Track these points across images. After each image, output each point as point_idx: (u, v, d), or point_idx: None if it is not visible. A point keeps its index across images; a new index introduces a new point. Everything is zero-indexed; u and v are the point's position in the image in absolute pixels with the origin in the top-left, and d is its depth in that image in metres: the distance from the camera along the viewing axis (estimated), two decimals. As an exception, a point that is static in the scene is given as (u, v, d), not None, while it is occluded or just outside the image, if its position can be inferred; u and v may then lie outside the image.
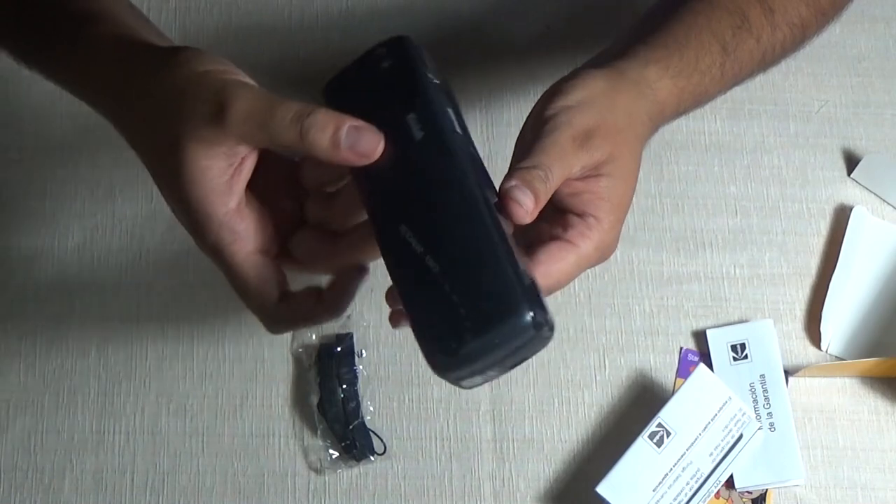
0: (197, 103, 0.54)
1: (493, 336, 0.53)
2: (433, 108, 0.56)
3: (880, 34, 0.97)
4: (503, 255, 0.53)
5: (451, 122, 0.57)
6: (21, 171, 0.90)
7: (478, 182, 0.55)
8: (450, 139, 0.56)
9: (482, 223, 0.54)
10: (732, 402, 0.79)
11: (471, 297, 0.53)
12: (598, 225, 0.61)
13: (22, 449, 0.82)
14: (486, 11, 0.96)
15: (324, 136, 0.53)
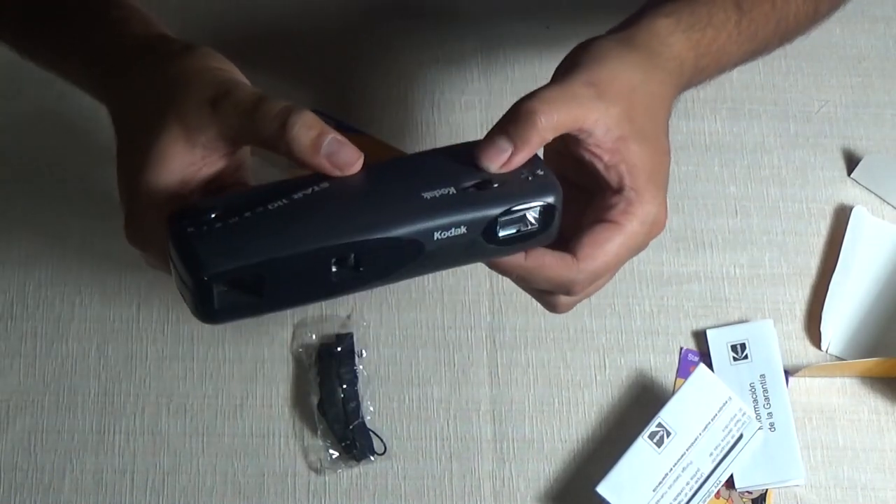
0: (198, 90, 0.55)
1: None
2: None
3: (880, 34, 0.97)
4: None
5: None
6: (21, 172, 0.90)
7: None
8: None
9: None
10: (732, 402, 0.79)
11: None
12: (639, 198, 0.59)
13: (22, 449, 0.82)
14: (486, 11, 0.96)
15: (307, 134, 0.54)
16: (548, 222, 0.57)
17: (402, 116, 0.93)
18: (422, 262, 0.54)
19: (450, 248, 0.54)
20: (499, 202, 0.55)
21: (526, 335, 0.86)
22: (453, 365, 0.85)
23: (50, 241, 0.88)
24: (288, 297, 0.54)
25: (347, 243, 0.53)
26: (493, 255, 0.57)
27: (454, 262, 0.57)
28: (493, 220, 0.55)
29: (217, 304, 0.52)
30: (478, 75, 0.94)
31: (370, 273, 0.54)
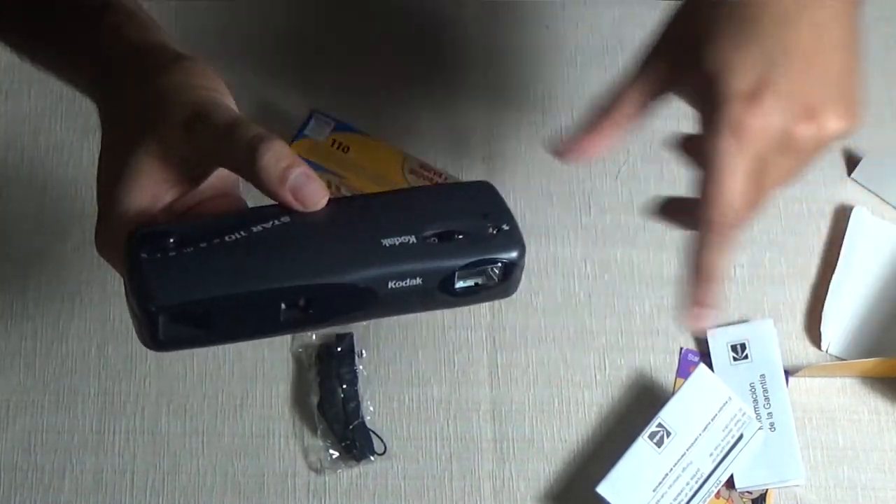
0: (177, 109, 0.55)
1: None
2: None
3: (880, 34, 0.97)
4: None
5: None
6: (21, 171, 0.90)
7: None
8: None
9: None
10: (732, 403, 0.79)
11: None
12: (714, 86, 0.56)
13: (22, 449, 0.82)
14: (486, 11, 0.96)
15: (277, 164, 0.53)
16: (506, 277, 0.56)
17: (402, 116, 0.93)
18: (373, 309, 0.54)
19: (403, 297, 0.54)
20: (458, 256, 0.54)
21: (526, 335, 0.86)
22: (453, 365, 0.85)
23: (50, 241, 0.88)
24: (234, 332, 0.54)
25: (298, 286, 0.52)
26: (447, 305, 0.56)
27: (407, 310, 0.56)
28: (451, 274, 0.54)
29: (162, 335, 0.52)
30: (478, 75, 0.94)
31: (319, 315, 0.53)
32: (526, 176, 0.91)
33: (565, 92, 0.94)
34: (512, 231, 0.56)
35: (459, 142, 0.92)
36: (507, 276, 0.56)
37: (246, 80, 0.93)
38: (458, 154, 0.91)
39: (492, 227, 0.56)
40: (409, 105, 0.94)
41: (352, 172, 0.85)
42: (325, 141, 0.86)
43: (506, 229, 0.56)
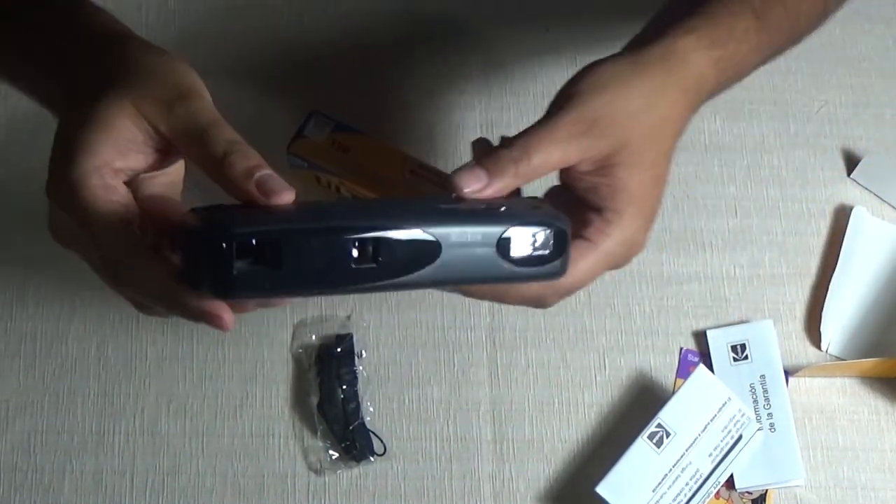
0: (160, 87, 0.57)
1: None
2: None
3: (880, 34, 0.97)
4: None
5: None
6: (21, 171, 0.90)
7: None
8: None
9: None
10: (732, 403, 0.79)
11: None
12: (618, 219, 0.59)
13: (22, 449, 0.82)
14: (486, 11, 0.96)
15: (243, 163, 0.54)
16: (560, 249, 0.56)
17: (402, 116, 0.93)
18: (438, 267, 0.54)
19: (465, 256, 0.55)
20: (512, 218, 0.55)
21: (526, 335, 0.86)
22: (453, 365, 0.85)
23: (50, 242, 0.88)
24: (306, 277, 0.53)
25: (369, 226, 0.53)
26: (506, 276, 0.56)
27: (468, 275, 0.56)
28: (507, 233, 0.55)
29: (235, 271, 0.52)
30: (478, 75, 0.94)
31: (387, 268, 0.54)
32: (526, 176, 0.91)
33: (565, 92, 0.94)
34: (555, 211, 0.57)
35: (459, 142, 0.92)
36: (558, 248, 0.56)
37: (245, 81, 0.93)
38: (458, 154, 0.91)
39: (535, 206, 0.58)
40: (409, 105, 0.94)
41: (351, 172, 0.85)
42: (324, 141, 0.86)
43: (548, 207, 0.58)
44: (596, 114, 0.59)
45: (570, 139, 0.59)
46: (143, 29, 0.66)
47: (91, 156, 0.56)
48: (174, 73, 0.58)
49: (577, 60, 0.95)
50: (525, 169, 0.58)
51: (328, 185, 0.87)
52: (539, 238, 0.56)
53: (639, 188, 0.60)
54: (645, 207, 0.61)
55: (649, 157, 0.61)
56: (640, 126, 0.60)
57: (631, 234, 0.60)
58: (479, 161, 0.58)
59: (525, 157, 0.58)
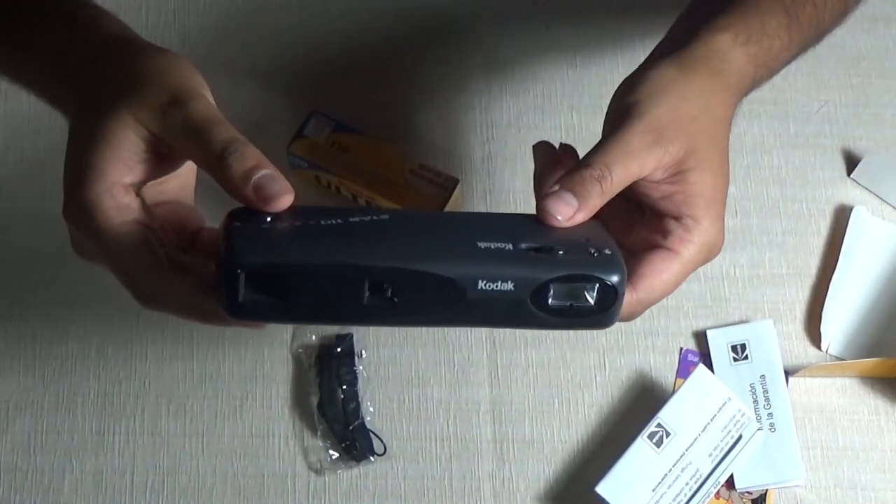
0: (156, 91, 0.56)
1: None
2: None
3: (880, 34, 0.97)
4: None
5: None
6: (21, 171, 0.90)
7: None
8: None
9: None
10: (732, 403, 0.79)
11: None
12: (697, 226, 0.59)
13: (22, 449, 0.82)
14: (486, 11, 0.96)
15: (241, 164, 0.54)
16: (606, 304, 0.53)
17: (402, 116, 0.93)
18: (460, 309, 0.52)
19: (492, 302, 0.52)
20: (556, 267, 0.52)
21: (526, 335, 0.86)
22: (453, 365, 0.85)
23: (50, 241, 0.88)
24: (314, 310, 0.52)
25: (385, 268, 0.51)
26: (538, 325, 0.54)
27: (494, 320, 0.54)
28: (546, 284, 0.52)
29: (241, 298, 0.52)
30: (478, 75, 0.94)
31: (404, 307, 0.52)
32: (526, 176, 0.90)
33: (565, 92, 0.94)
34: (614, 256, 0.54)
35: (459, 142, 0.92)
36: (604, 302, 0.53)
37: (245, 80, 0.93)
38: (457, 154, 0.91)
39: (593, 250, 0.54)
40: (408, 105, 0.93)
41: (351, 172, 0.85)
42: (324, 141, 0.86)
43: (608, 253, 0.54)
44: (662, 121, 0.59)
45: (643, 150, 0.58)
46: (143, 29, 0.66)
47: (101, 177, 0.56)
48: (172, 74, 0.58)
49: (576, 59, 0.95)
50: (608, 186, 0.57)
51: (328, 185, 0.87)
52: (584, 292, 0.53)
53: (713, 191, 0.60)
54: (720, 209, 0.61)
55: (716, 160, 0.61)
56: (703, 129, 0.60)
57: (711, 237, 0.60)
58: (565, 185, 0.57)
59: (608, 175, 0.57)
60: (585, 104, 0.93)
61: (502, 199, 0.90)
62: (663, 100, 0.60)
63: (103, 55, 0.60)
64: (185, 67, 0.59)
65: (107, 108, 0.56)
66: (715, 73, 0.62)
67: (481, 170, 0.91)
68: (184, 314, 0.58)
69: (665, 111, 0.59)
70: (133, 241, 0.56)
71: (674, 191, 0.59)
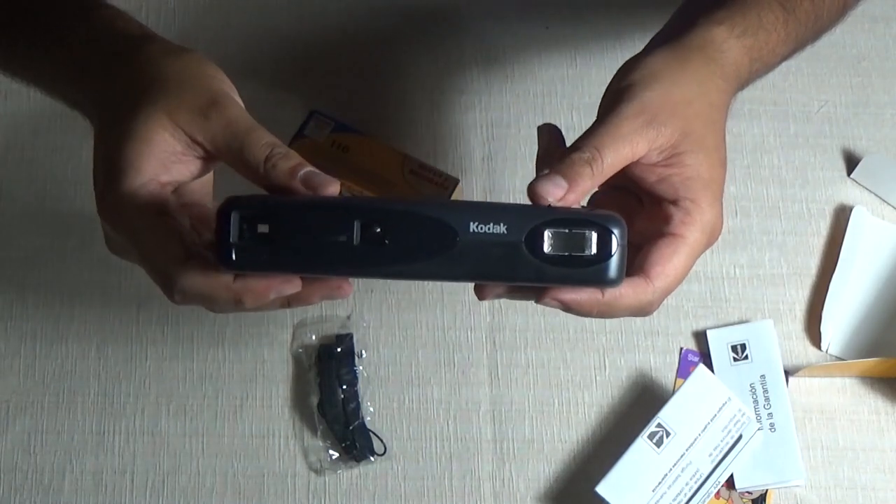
0: (193, 94, 0.57)
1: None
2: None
3: (880, 34, 0.97)
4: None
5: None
6: (21, 171, 0.90)
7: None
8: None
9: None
10: (732, 403, 0.79)
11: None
12: (697, 207, 0.59)
13: (22, 450, 0.82)
14: (485, 12, 0.96)
15: (286, 163, 0.56)
16: (605, 253, 0.52)
17: (402, 116, 0.93)
18: (452, 256, 0.51)
19: (485, 248, 0.51)
20: (551, 212, 0.52)
21: (526, 336, 0.86)
22: (453, 365, 0.85)
23: (50, 241, 0.88)
24: (304, 254, 0.52)
25: (374, 207, 0.51)
26: (534, 275, 0.52)
27: (488, 270, 0.52)
28: (540, 228, 0.51)
29: (233, 239, 0.52)
30: (478, 75, 0.94)
31: (395, 251, 0.51)
32: (526, 176, 0.90)
33: (565, 92, 0.94)
34: (612, 213, 0.53)
35: (459, 142, 0.92)
36: (603, 251, 0.52)
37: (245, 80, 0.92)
38: (457, 154, 0.91)
39: (589, 208, 0.55)
40: (408, 105, 0.93)
41: (351, 172, 0.85)
42: (324, 141, 0.86)
43: (605, 212, 0.53)
44: (654, 103, 0.59)
45: (635, 132, 0.58)
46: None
47: (137, 173, 0.56)
48: (203, 77, 0.59)
49: (576, 58, 0.95)
50: (599, 168, 0.57)
51: (328, 185, 0.87)
52: (581, 239, 0.52)
53: (709, 173, 0.60)
54: (717, 191, 0.61)
55: (712, 142, 0.61)
56: (698, 113, 0.60)
57: (711, 218, 0.60)
58: (555, 168, 0.57)
59: (598, 157, 0.57)
60: (585, 104, 0.93)
61: (502, 199, 0.90)
62: (656, 84, 0.60)
63: (128, 54, 0.61)
64: (214, 70, 0.60)
65: (140, 108, 0.57)
66: (710, 62, 0.63)
67: (481, 170, 0.91)
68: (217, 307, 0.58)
69: (658, 94, 0.60)
70: (167, 236, 0.56)
71: (670, 173, 0.59)
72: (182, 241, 0.56)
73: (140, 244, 0.57)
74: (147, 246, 0.57)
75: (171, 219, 0.57)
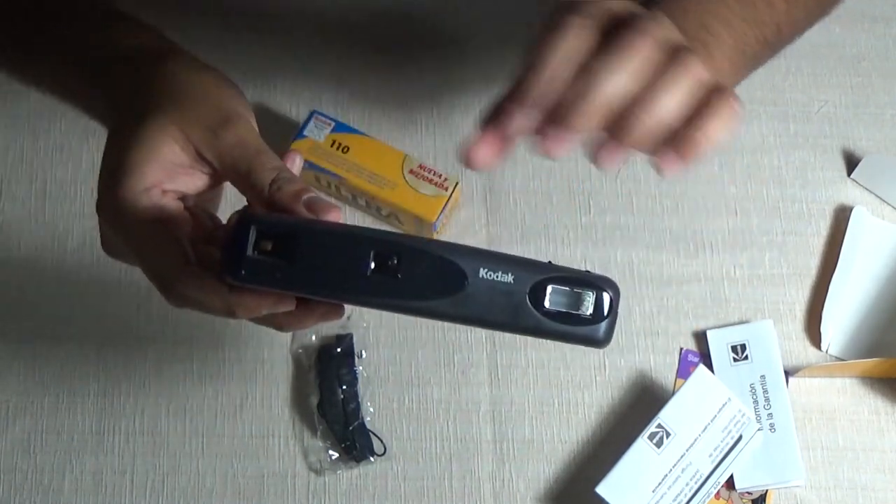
0: (208, 112, 0.58)
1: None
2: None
3: (880, 34, 0.97)
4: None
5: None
6: (21, 171, 0.90)
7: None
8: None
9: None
10: (732, 403, 0.79)
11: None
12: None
13: (22, 450, 0.82)
14: (485, 12, 0.96)
15: (291, 187, 0.57)
16: (600, 315, 0.55)
17: (402, 117, 0.93)
18: (460, 298, 0.53)
19: (491, 294, 0.53)
20: (555, 270, 0.54)
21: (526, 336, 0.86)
22: (453, 366, 0.85)
23: (50, 241, 0.88)
24: (317, 276, 0.53)
25: (391, 240, 0.53)
26: (533, 327, 0.54)
27: (491, 317, 0.54)
28: (544, 283, 0.54)
29: (249, 252, 0.53)
30: (477, 75, 0.94)
31: (405, 286, 0.53)
32: (526, 176, 0.91)
33: (565, 92, 0.94)
34: (608, 279, 0.56)
35: (459, 142, 0.92)
36: (599, 312, 0.55)
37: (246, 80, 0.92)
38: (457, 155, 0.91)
39: (590, 273, 0.56)
40: (409, 105, 0.93)
41: (351, 173, 0.85)
42: (324, 141, 0.86)
43: (602, 275, 0.56)
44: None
45: None
46: (142, 29, 0.66)
47: (141, 177, 0.57)
48: (220, 95, 0.59)
49: (577, 60, 0.95)
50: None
51: (328, 185, 0.87)
52: (579, 300, 0.54)
53: None
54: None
55: None
56: None
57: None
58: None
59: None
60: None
61: (502, 199, 0.90)
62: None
63: (150, 70, 0.61)
64: (232, 90, 0.61)
65: (152, 116, 0.57)
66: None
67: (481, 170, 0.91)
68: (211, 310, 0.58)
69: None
70: (166, 241, 0.57)
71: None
72: (181, 248, 0.57)
73: (138, 247, 0.58)
74: (145, 250, 0.57)
75: (171, 225, 0.57)
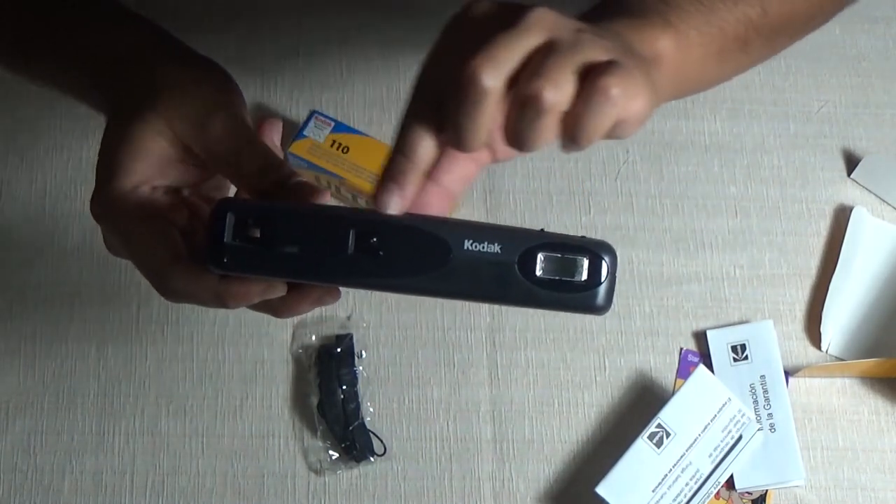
0: (193, 103, 0.58)
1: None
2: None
3: (880, 34, 0.97)
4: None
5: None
6: (21, 171, 0.90)
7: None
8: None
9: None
10: (732, 403, 0.79)
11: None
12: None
13: (22, 450, 0.82)
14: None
15: (278, 173, 0.57)
16: (595, 280, 0.52)
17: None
18: (446, 272, 0.51)
19: (479, 266, 0.51)
20: (545, 237, 0.52)
21: (525, 336, 0.86)
22: (453, 366, 0.85)
23: (50, 241, 0.88)
24: (299, 259, 0.52)
25: (371, 218, 0.51)
26: (525, 297, 0.52)
27: (480, 289, 0.52)
28: (534, 250, 0.51)
29: (227, 239, 0.52)
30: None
31: (388, 264, 0.51)
32: (526, 176, 0.91)
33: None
34: (603, 242, 0.53)
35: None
36: (593, 278, 0.52)
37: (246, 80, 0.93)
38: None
39: (585, 237, 0.53)
40: (408, 105, 0.93)
41: (351, 172, 0.85)
42: (324, 141, 0.86)
43: (598, 239, 0.53)
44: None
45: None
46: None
47: (127, 176, 0.57)
48: (208, 86, 0.59)
49: (577, 60, 0.95)
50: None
51: (328, 185, 0.87)
52: (573, 265, 0.52)
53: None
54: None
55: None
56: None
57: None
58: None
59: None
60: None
61: (502, 199, 0.90)
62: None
63: (145, 64, 0.61)
64: (222, 79, 0.61)
65: (141, 113, 0.58)
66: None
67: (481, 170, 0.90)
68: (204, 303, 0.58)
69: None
70: (156, 238, 0.57)
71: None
72: (172, 243, 0.57)
73: (129, 244, 0.58)
74: (136, 247, 0.57)
75: (162, 221, 0.57)
